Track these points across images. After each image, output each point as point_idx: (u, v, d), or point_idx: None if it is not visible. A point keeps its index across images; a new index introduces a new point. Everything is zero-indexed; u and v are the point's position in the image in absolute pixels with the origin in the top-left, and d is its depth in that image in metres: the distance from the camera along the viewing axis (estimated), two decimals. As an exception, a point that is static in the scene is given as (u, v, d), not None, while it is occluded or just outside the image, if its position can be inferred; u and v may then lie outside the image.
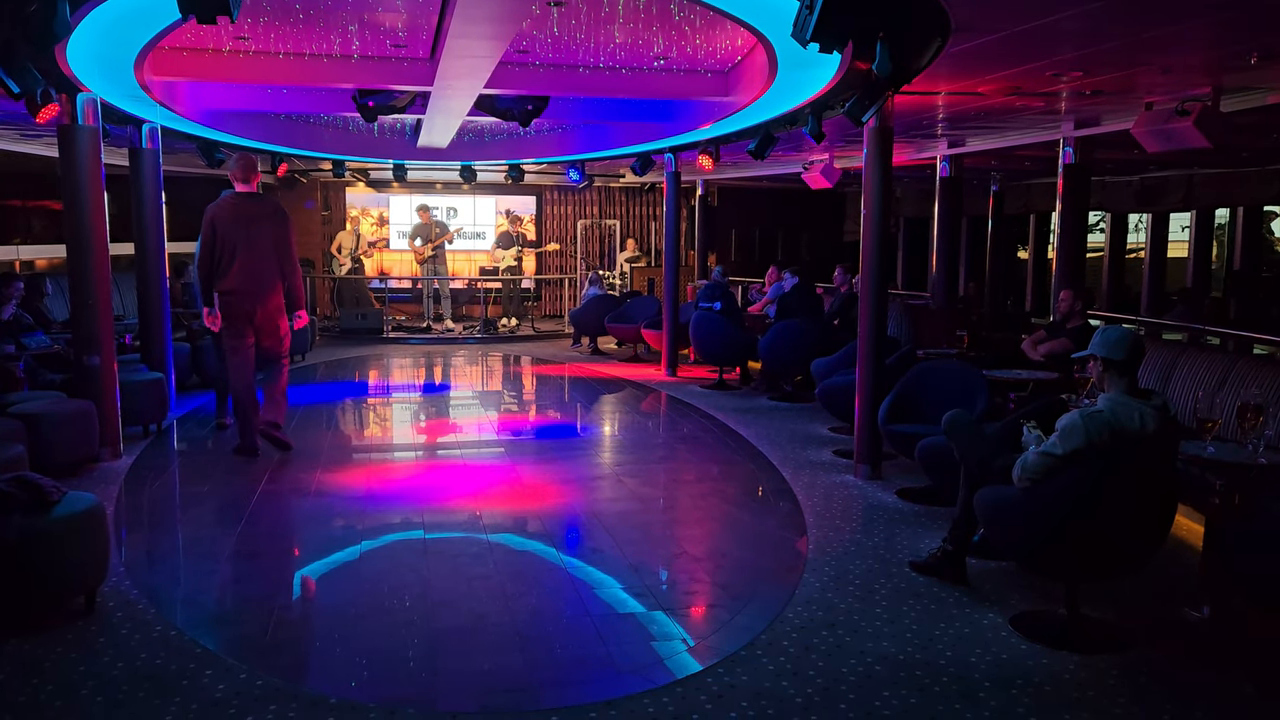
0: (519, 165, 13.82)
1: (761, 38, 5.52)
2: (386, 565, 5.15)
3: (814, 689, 3.73)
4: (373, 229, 17.25)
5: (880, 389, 6.61)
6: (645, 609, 4.59)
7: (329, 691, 3.66)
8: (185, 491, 6.63)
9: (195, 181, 13.91)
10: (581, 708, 3.57)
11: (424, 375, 12.10)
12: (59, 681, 3.69)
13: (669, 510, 6.46)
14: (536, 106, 8.39)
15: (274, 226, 7.16)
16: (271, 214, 7.24)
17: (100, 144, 6.93)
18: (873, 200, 6.57)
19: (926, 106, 7.68)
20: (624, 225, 18.20)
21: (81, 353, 7.05)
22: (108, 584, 4.55)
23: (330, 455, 7.65)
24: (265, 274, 7.11)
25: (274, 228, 7.15)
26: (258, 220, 7.11)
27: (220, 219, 7.08)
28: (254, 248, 7.05)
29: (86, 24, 4.84)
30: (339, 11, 6.22)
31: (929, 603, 4.58)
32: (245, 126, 10.38)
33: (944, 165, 11.14)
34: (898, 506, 6.16)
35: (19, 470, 4.76)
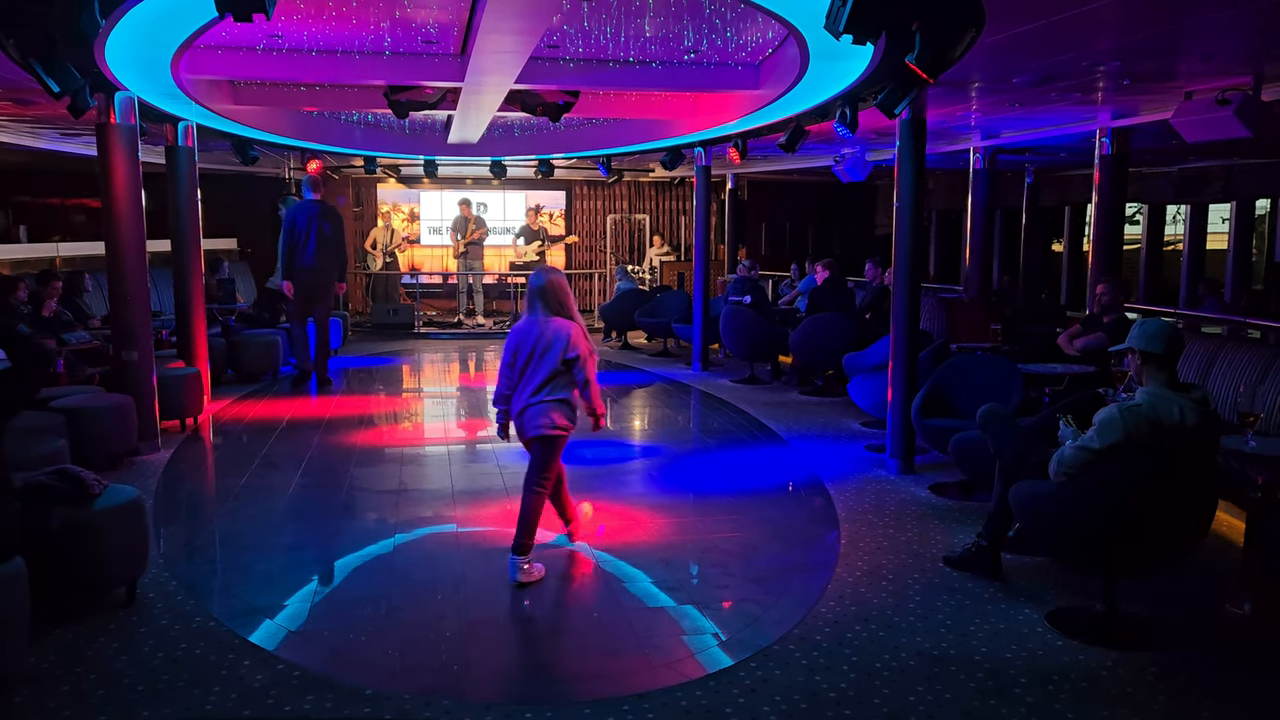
0: (548, 160, 13.84)
1: (793, 30, 5.48)
2: (419, 557, 5.19)
3: (847, 684, 3.71)
4: (404, 224, 17.35)
5: (913, 383, 6.56)
6: (676, 603, 4.60)
7: (364, 682, 3.70)
8: (222, 484, 6.71)
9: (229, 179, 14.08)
10: (614, 700, 3.59)
11: (454, 370, 12.17)
12: (101, 670, 3.76)
13: (700, 504, 6.45)
14: (567, 101, 8.39)
15: (332, 224, 9.92)
16: (330, 215, 9.98)
17: (138, 142, 7.02)
18: (906, 193, 6.52)
19: (960, 98, 7.60)
20: (653, 220, 18.18)
21: (120, 348, 7.15)
22: (147, 575, 4.62)
23: (363, 450, 7.72)
24: (325, 258, 9.84)
25: (332, 225, 9.91)
26: (321, 220, 9.81)
27: (297, 218, 9.81)
28: (319, 240, 9.76)
29: (124, 23, 4.90)
30: (371, 8, 6.25)
31: (963, 598, 4.55)
32: (279, 124, 10.47)
33: (978, 157, 11.02)
34: (930, 501, 6.11)
35: (61, 464, 4.84)
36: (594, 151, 12.94)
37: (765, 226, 18.70)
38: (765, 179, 17.43)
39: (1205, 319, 9.46)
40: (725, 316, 10.59)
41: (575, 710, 3.52)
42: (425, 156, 13.57)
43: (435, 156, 13.57)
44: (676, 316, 12.38)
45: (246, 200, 14.90)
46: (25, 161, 12.52)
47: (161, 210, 8.90)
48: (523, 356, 4.76)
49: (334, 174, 16.22)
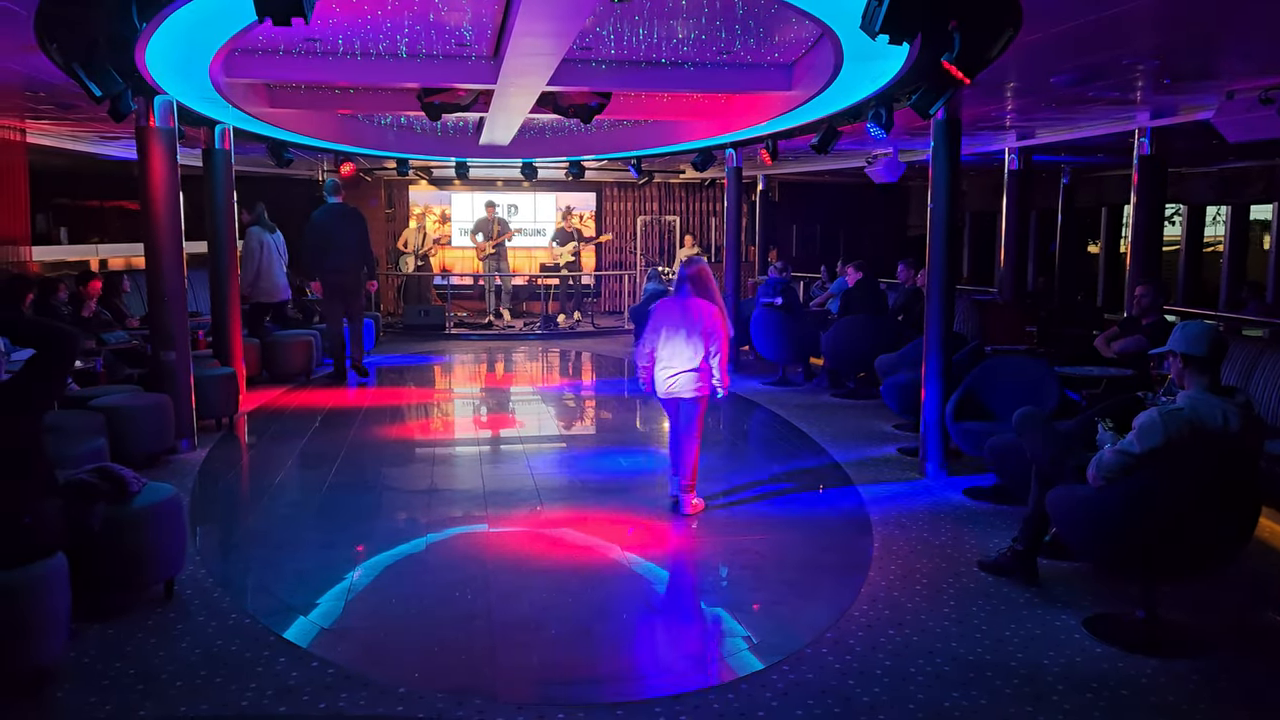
0: (579, 162, 13.86)
1: (828, 30, 5.45)
2: (450, 557, 5.22)
3: (881, 688, 3.68)
4: (435, 226, 17.45)
5: (947, 385, 6.50)
6: (707, 605, 4.59)
7: (397, 680, 3.72)
8: (257, 483, 6.78)
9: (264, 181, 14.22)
10: (646, 702, 3.58)
11: (485, 371, 12.22)
12: (140, 665, 3.81)
13: (731, 506, 6.43)
14: (599, 103, 8.40)
15: (356, 226, 10.38)
16: (354, 217, 10.46)
17: (176, 145, 7.12)
18: (940, 194, 6.47)
19: (995, 98, 7.53)
20: (684, 221, 18.16)
21: (158, 348, 7.25)
22: (184, 572, 4.67)
23: (395, 449, 7.78)
24: (351, 259, 10.30)
25: (356, 227, 10.37)
26: (345, 222, 10.31)
27: (322, 221, 10.27)
28: (344, 241, 10.19)
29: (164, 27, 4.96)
30: (405, 11, 6.29)
31: (999, 603, 4.50)
32: (313, 126, 10.57)
33: (1013, 158, 10.91)
34: (965, 505, 6.06)
35: (101, 462, 4.91)
36: (625, 153, 12.95)
37: (796, 228, 18.63)
38: (796, 180, 17.36)
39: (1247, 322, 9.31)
40: (756, 318, 10.55)
41: (607, 712, 3.51)
42: (457, 158, 13.64)
43: (466, 159, 13.64)
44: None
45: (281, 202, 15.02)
46: (66, 164, 12.71)
47: (198, 212, 9.01)
48: (669, 328, 5.65)
49: (367, 176, 16.35)
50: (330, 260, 10.24)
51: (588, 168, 14.57)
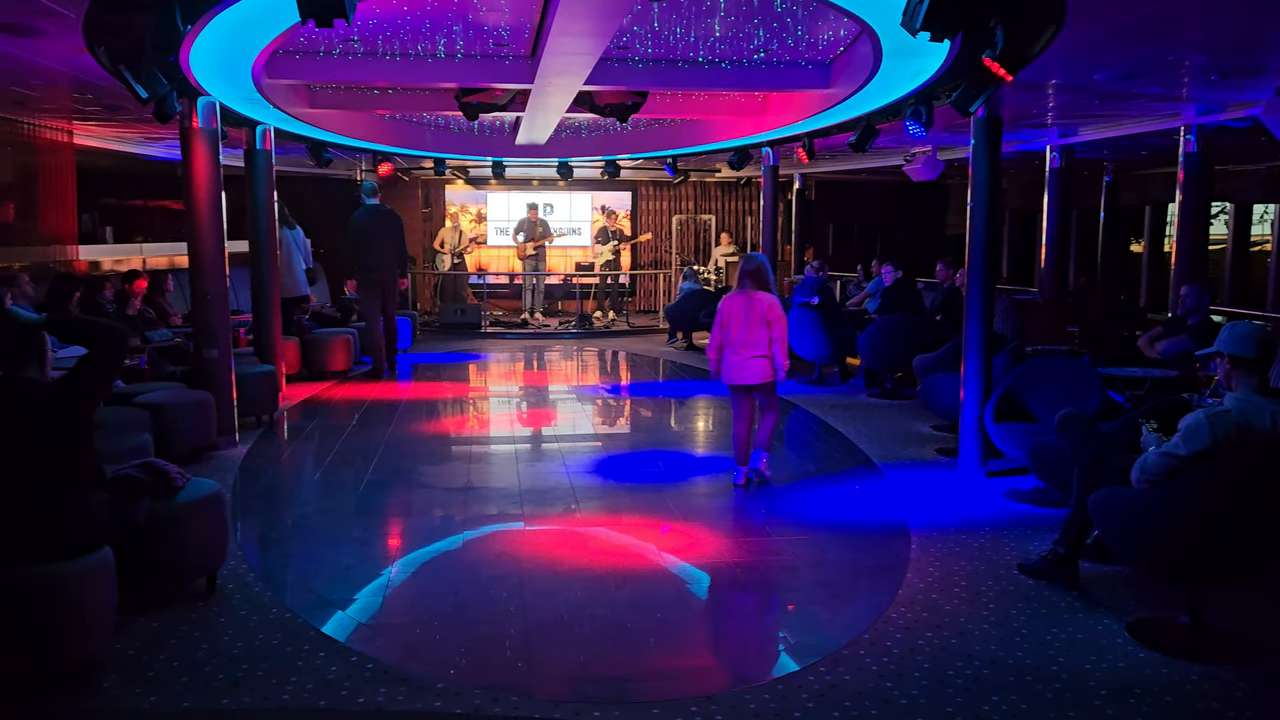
0: (615, 161, 13.88)
1: (866, 27, 5.42)
2: (487, 554, 5.24)
3: (919, 691, 3.65)
4: (472, 225, 17.56)
5: (986, 386, 6.44)
6: (742, 605, 4.58)
7: (434, 676, 3.75)
8: (297, 479, 6.87)
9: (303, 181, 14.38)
10: (682, 701, 3.58)
11: (521, 370, 12.27)
12: (184, 658, 3.87)
13: (767, 506, 6.40)
14: (635, 102, 8.41)
15: (394, 226, 10.84)
16: (392, 217, 10.92)
17: (219, 146, 7.21)
18: (980, 192, 6.40)
19: (1037, 95, 7.43)
20: (719, 220, 18.12)
21: (201, 346, 7.36)
22: (226, 567, 4.73)
23: (433, 446, 7.85)
24: (387, 258, 10.66)
25: (394, 227, 10.83)
26: (384, 222, 10.74)
27: (364, 222, 10.67)
28: (382, 240, 10.63)
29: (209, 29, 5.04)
30: (444, 12, 6.34)
31: (1039, 606, 4.44)
32: (352, 126, 10.68)
33: (1054, 155, 10.78)
34: (1004, 507, 5.99)
35: (146, 457, 4.99)
36: (661, 152, 12.95)
37: (833, 226, 18.52)
38: (833, 178, 17.27)
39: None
40: (792, 317, 10.49)
41: (642, 710, 3.51)
42: (493, 158, 13.72)
43: (503, 158, 13.71)
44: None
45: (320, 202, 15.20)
46: (111, 165, 12.95)
47: (238, 212, 9.13)
48: (734, 320, 6.23)
49: (404, 176, 16.47)
50: (369, 259, 10.62)
51: (623, 167, 14.59)
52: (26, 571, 3.48)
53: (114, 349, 3.78)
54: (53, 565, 3.51)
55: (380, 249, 10.64)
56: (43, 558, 3.51)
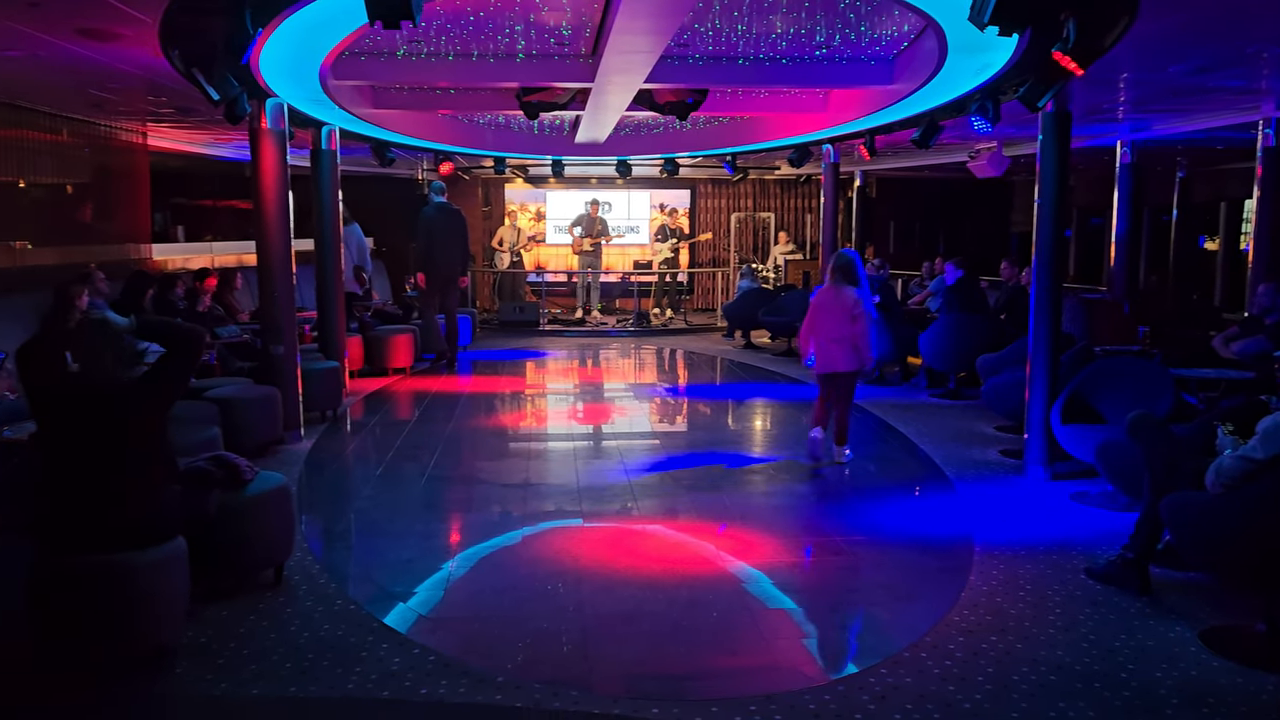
0: (673, 159, 13.86)
1: (932, 22, 5.34)
2: (545, 550, 5.27)
3: (983, 695, 3.59)
4: (530, 224, 17.68)
5: (1053, 387, 6.31)
6: (801, 605, 4.54)
7: (494, 669, 3.78)
8: (360, 473, 6.98)
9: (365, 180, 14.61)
10: (741, 700, 3.56)
11: (579, 367, 12.32)
12: (253, 647, 3.96)
13: (826, 506, 6.36)
14: (694, 99, 8.38)
15: (459, 224, 11.27)
16: (457, 216, 11.34)
17: (287, 146, 7.36)
18: (1048, 189, 6.28)
19: (1107, 89, 7.25)
20: (778, 218, 18.00)
21: (268, 342, 7.52)
22: (292, 558, 4.83)
23: (492, 443, 7.92)
24: (453, 255, 11.08)
25: (459, 225, 11.26)
26: (450, 220, 11.14)
27: (432, 219, 11.05)
28: (448, 237, 11.04)
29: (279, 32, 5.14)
30: (505, 12, 6.39)
31: (1107, 612, 4.34)
32: (414, 126, 10.82)
33: (1124, 151, 10.51)
34: (1071, 510, 5.86)
35: (216, 450, 5.12)
36: (720, 150, 12.90)
37: (894, 224, 18.29)
38: (894, 175, 17.04)
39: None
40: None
41: (701, 707, 3.51)
42: (553, 157, 13.80)
43: (562, 157, 13.78)
44: (802, 316, 12.16)
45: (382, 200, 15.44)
46: (182, 166, 13.30)
47: (303, 211, 9.31)
48: (825, 312, 6.74)
49: (464, 175, 16.65)
50: (436, 256, 11.03)
51: (682, 165, 14.57)
52: (104, 560, 3.61)
53: (191, 350, 3.89)
54: (128, 554, 3.63)
55: (447, 246, 11.04)
56: (119, 547, 3.63)
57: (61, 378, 3.80)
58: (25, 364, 3.75)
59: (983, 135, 9.14)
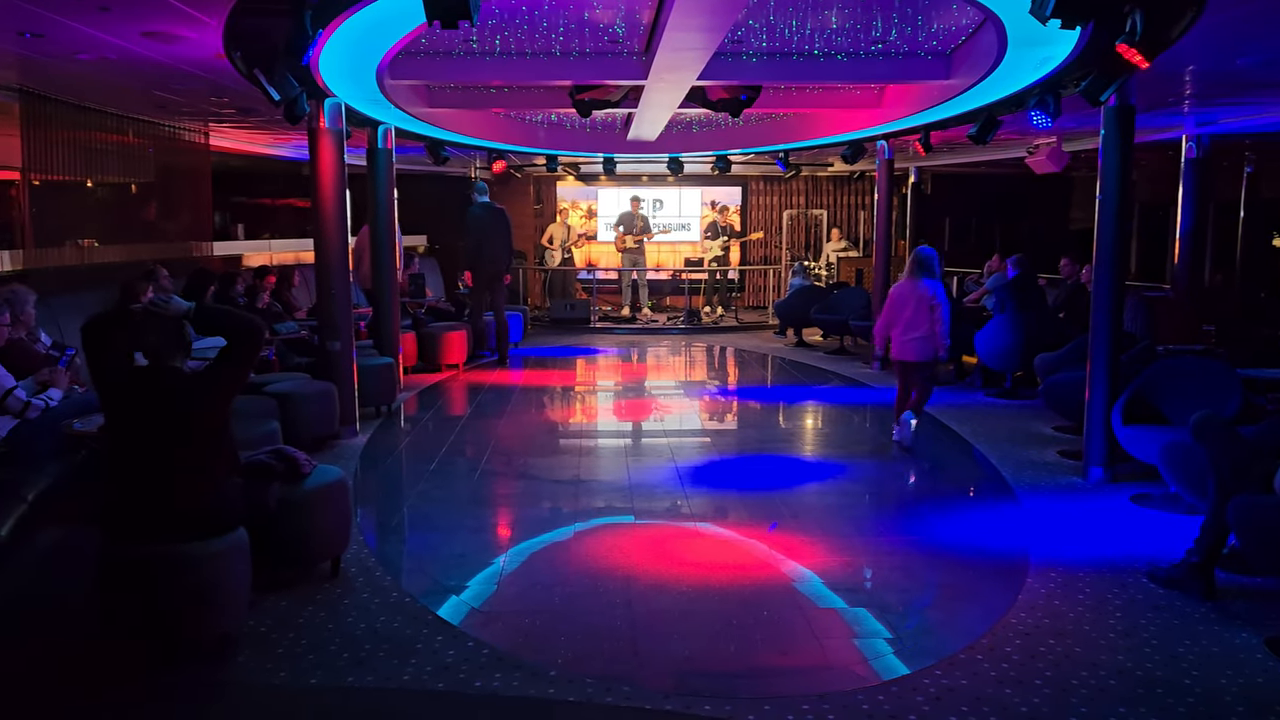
0: (725, 156, 13.81)
1: (991, 15, 5.25)
2: (596, 546, 5.29)
3: (1041, 699, 3.54)
4: (582, 221, 17.74)
5: (1114, 386, 6.18)
6: (854, 604, 4.51)
7: (547, 663, 3.81)
8: (414, 468, 7.06)
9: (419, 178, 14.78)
10: (793, 698, 3.55)
11: (631, 365, 12.33)
12: (311, 637, 4.03)
13: (878, 506, 6.31)
14: (748, 96, 8.35)
15: (505, 223, 11.42)
16: (502, 215, 11.49)
17: (344, 146, 7.47)
18: (1110, 185, 6.14)
19: (1172, 82, 7.08)
20: (831, 215, 17.85)
21: (325, 338, 7.65)
22: (349, 551, 4.91)
23: (543, 439, 7.98)
24: (499, 253, 11.27)
25: (505, 224, 11.41)
26: (497, 219, 11.34)
27: (480, 218, 11.27)
28: (495, 235, 11.24)
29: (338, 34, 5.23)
30: (559, 10, 6.42)
31: (1170, 617, 4.25)
32: (468, 125, 10.92)
33: (1190, 146, 10.24)
34: (1132, 512, 5.74)
35: (276, 444, 5.22)
36: (773, 147, 12.82)
37: (949, 221, 18.02)
38: (950, 171, 16.79)
39: None
40: (906, 314, 10.26)
41: (753, 705, 3.50)
42: (604, 154, 13.82)
43: (614, 154, 13.80)
44: (855, 314, 12.11)
45: (436, 199, 15.61)
46: (242, 165, 13.58)
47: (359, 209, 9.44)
48: (904, 305, 7.07)
49: (516, 173, 16.76)
50: (484, 254, 11.19)
51: (734, 161, 14.51)
52: (169, 550, 3.70)
53: (252, 341, 3.96)
54: (193, 545, 3.72)
55: (494, 244, 11.23)
56: (183, 537, 3.72)
57: (128, 370, 3.90)
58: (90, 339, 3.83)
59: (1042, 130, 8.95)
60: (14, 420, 5.10)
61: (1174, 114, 8.98)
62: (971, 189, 17.57)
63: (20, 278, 6.94)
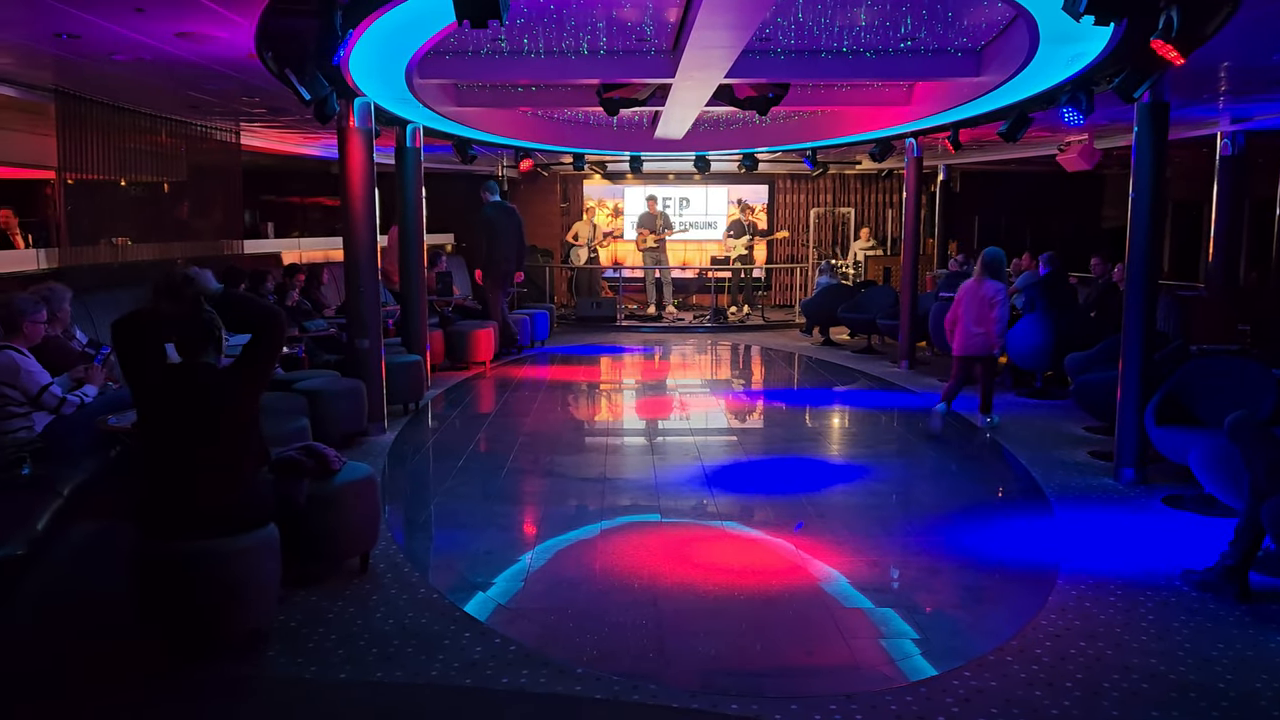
0: (752, 154, 13.77)
1: (1023, 11, 5.20)
2: (622, 545, 5.29)
3: (1071, 701, 3.50)
4: (608, 219, 17.76)
5: (1147, 386, 6.10)
6: (882, 605, 4.48)
7: (573, 661, 3.82)
8: (441, 466, 7.10)
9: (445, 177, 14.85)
10: (820, 698, 3.54)
11: (656, 363, 12.33)
12: (340, 632, 4.07)
13: (906, 507, 6.27)
14: (775, 94, 8.32)
15: (514, 222, 11.81)
16: (516, 215, 11.93)
17: (373, 145, 7.52)
18: (1144, 182, 6.07)
19: (1207, 79, 6.98)
20: (859, 213, 17.76)
21: (354, 336, 7.70)
22: (377, 547, 4.94)
23: (569, 437, 8.00)
24: (510, 252, 11.69)
25: (514, 223, 11.80)
26: (512, 218, 11.77)
27: (497, 218, 11.62)
28: (508, 234, 11.59)
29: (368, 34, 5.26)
30: (587, 9, 6.43)
31: (1204, 620, 4.19)
32: (495, 124, 10.95)
33: (1225, 143, 10.10)
34: (1165, 514, 5.67)
35: (306, 440, 5.26)
36: (800, 145, 12.77)
37: (978, 219, 17.86)
38: (979, 169, 16.65)
39: None
40: (935, 313, 10.21)
41: (780, 704, 3.49)
42: (631, 153, 13.82)
43: (640, 152, 13.79)
44: (882, 313, 12.04)
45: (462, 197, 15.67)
46: (271, 164, 13.70)
47: (387, 208, 9.50)
48: (967, 303, 7.65)
49: (543, 171, 16.79)
50: (498, 252, 11.59)
51: (760, 160, 14.46)
52: (200, 545, 3.74)
53: (273, 331, 3.97)
54: (224, 540, 3.76)
55: (508, 243, 11.60)
56: (215, 533, 3.76)
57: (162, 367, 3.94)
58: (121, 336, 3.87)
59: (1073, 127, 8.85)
60: (50, 416, 5.18)
61: (1208, 110, 8.86)
62: (1001, 187, 17.40)
63: (56, 275, 7.04)
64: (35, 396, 5.10)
